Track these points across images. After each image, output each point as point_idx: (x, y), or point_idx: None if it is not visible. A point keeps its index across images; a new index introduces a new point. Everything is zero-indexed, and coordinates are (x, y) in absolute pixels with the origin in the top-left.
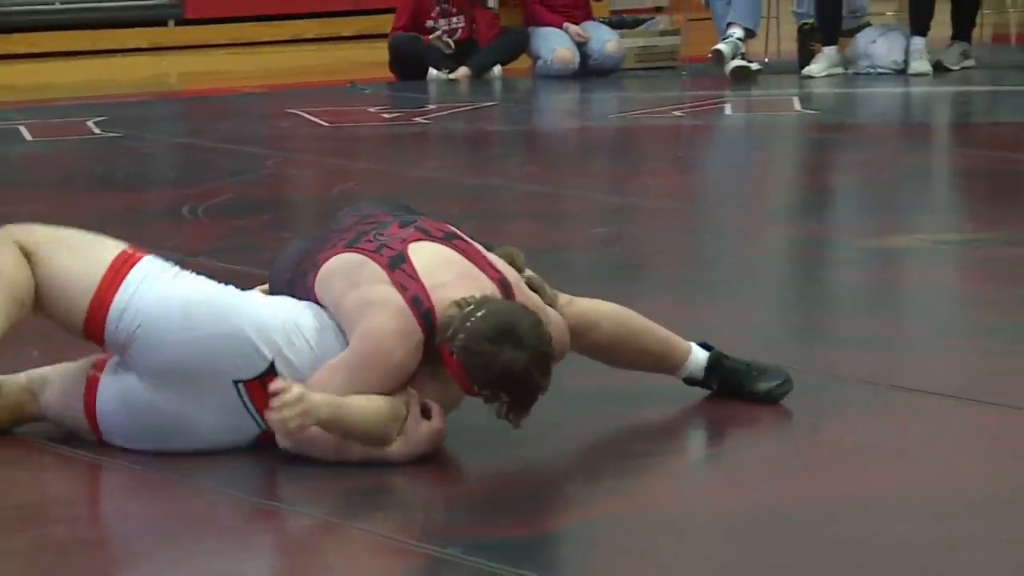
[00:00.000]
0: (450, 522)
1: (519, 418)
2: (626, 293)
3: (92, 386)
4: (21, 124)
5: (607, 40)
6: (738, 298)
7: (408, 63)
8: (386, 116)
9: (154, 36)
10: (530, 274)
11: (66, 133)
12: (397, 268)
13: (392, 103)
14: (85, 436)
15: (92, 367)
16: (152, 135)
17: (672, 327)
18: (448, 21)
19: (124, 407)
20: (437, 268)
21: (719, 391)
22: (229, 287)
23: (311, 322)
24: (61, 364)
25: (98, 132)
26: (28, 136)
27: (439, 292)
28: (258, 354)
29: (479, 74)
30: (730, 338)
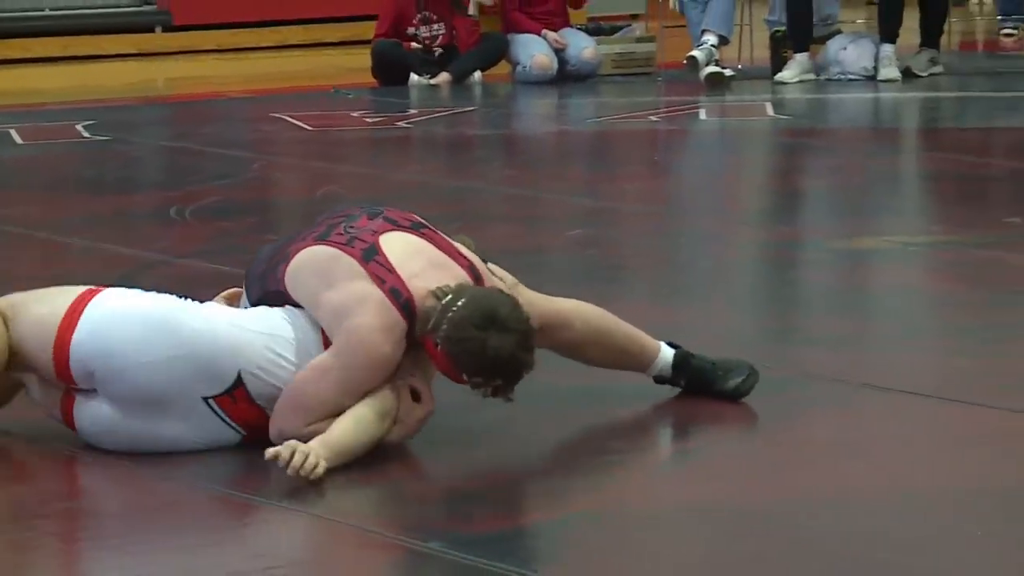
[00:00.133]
0: (431, 517)
1: (508, 394)
2: (603, 294)
3: (68, 401)
4: (12, 128)
5: (584, 47)
6: (712, 299)
7: (390, 69)
8: (369, 120)
9: (142, 42)
10: (492, 267)
11: (56, 137)
12: (371, 260)
13: (375, 108)
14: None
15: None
16: (140, 139)
17: (648, 327)
18: (429, 28)
19: (100, 426)
20: (409, 258)
21: (687, 389)
22: (187, 303)
23: (287, 331)
24: None
25: (87, 136)
26: (19, 140)
27: (414, 282)
28: (219, 369)
29: (459, 80)
30: (704, 338)
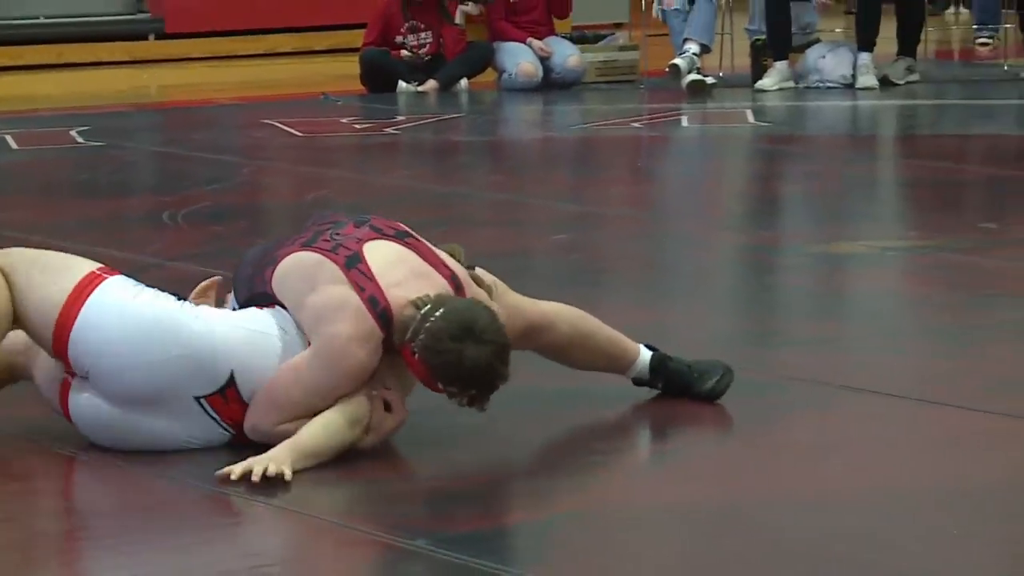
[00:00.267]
0: (418, 516)
1: (482, 404)
2: (586, 297)
3: (65, 390)
4: (7, 133)
5: (569, 55)
6: (694, 302)
7: (378, 76)
8: (357, 127)
9: (135, 50)
10: (479, 272)
11: (50, 142)
12: (353, 268)
13: (363, 114)
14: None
15: (64, 370)
16: (133, 144)
17: (630, 330)
18: (416, 36)
19: (94, 421)
20: (391, 267)
21: (665, 391)
22: (184, 304)
23: (277, 331)
24: None
25: (81, 141)
26: (14, 145)
27: (394, 291)
28: (215, 369)
29: (446, 87)
30: (686, 341)
